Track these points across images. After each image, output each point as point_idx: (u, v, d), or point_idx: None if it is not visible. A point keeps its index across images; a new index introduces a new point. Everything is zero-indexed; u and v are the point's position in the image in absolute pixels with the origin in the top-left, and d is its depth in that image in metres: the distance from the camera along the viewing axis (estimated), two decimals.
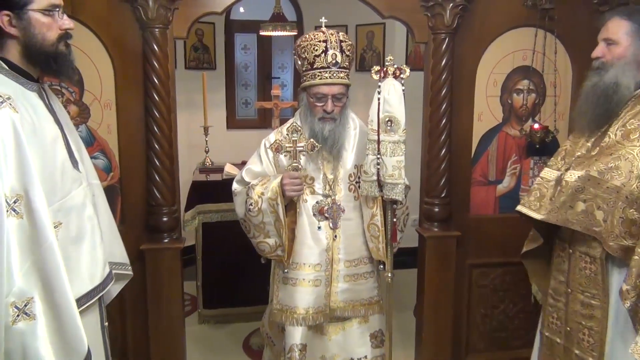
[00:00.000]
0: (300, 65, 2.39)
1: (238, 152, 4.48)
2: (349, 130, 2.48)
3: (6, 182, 1.53)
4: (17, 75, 1.68)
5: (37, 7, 1.66)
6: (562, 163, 2.21)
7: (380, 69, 2.22)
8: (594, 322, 2.06)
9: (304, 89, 2.40)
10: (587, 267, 2.07)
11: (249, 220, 2.41)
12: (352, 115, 2.52)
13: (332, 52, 2.30)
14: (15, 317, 1.53)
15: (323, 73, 2.31)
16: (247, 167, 2.51)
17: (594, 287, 2.05)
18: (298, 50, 2.38)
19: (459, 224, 3.04)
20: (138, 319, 2.85)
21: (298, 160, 2.35)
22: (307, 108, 2.41)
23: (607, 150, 2.00)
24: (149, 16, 2.58)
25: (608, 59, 2.07)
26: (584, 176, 2.00)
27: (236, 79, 5.73)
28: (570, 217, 2.03)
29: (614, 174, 1.93)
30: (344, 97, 2.38)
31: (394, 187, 2.25)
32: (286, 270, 2.46)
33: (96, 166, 2.67)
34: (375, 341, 2.58)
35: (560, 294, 2.20)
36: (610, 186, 1.92)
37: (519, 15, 2.90)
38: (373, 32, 5.24)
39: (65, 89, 2.62)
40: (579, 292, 2.11)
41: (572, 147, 2.21)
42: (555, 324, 2.23)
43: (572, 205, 2.02)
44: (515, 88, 3.02)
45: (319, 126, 2.36)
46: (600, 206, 1.95)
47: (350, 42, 2.39)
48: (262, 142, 2.53)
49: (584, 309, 2.09)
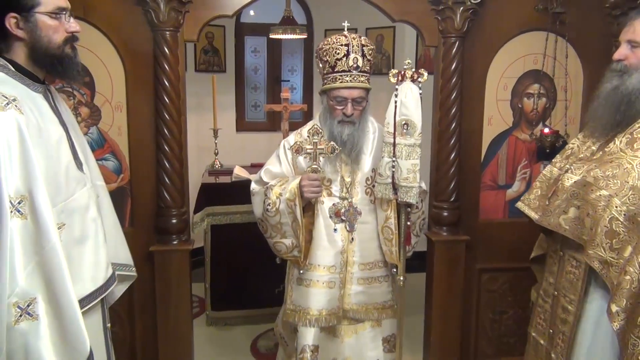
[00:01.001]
0: (322, 68, 2.41)
1: (247, 155, 4.50)
2: (367, 134, 2.48)
3: (11, 183, 1.54)
4: (22, 76, 1.70)
5: (44, 10, 1.67)
6: (565, 162, 2.15)
7: (398, 72, 2.22)
8: (566, 327, 2.04)
9: (325, 91, 2.41)
10: (571, 272, 2.03)
11: (267, 220, 2.41)
12: (371, 119, 2.53)
13: (353, 55, 2.31)
14: (17, 317, 1.54)
15: (344, 76, 2.33)
16: (266, 167, 2.53)
17: (572, 292, 2.02)
18: (320, 53, 2.40)
19: (468, 228, 3.03)
20: (147, 320, 2.86)
21: (317, 162, 2.35)
22: (327, 111, 2.42)
23: (608, 157, 1.92)
24: (160, 19, 2.60)
25: (632, 62, 1.91)
26: (580, 181, 1.94)
27: (246, 82, 5.75)
28: (562, 222, 1.99)
29: (609, 182, 1.84)
30: (364, 101, 2.39)
31: (408, 190, 2.25)
32: (302, 271, 2.46)
33: (106, 168, 2.70)
34: (388, 346, 2.58)
35: (548, 295, 2.17)
36: (603, 194, 1.84)
37: (529, 19, 2.88)
38: (383, 35, 5.24)
39: (76, 90, 2.64)
40: (562, 296, 2.08)
41: (578, 148, 2.15)
42: (541, 324, 2.21)
43: (566, 210, 1.98)
44: (525, 92, 3.00)
45: (338, 129, 2.37)
46: (589, 213, 1.88)
47: (372, 47, 2.40)
48: (282, 143, 2.55)
49: (563, 312, 2.06)
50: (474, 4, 2.77)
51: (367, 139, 2.48)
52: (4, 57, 1.68)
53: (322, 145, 2.34)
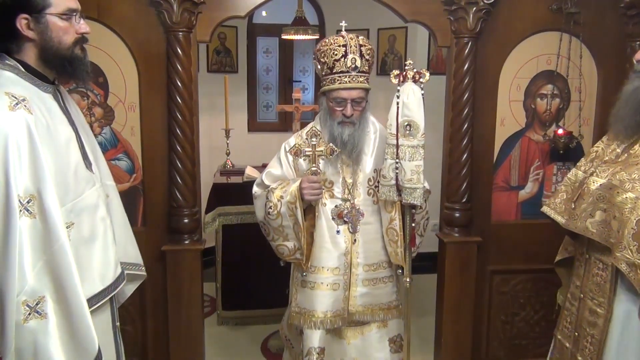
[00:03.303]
0: (320, 69, 2.40)
1: (259, 155, 4.50)
2: (368, 134, 2.47)
3: (20, 182, 1.55)
4: (32, 77, 1.70)
5: (55, 11, 1.68)
6: (590, 165, 2.14)
7: (399, 73, 2.21)
8: (595, 330, 2.02)
9: (324, 93, 2.40)
10: (598, 274, 2.02)
11: (268, 223, 2.42)
12: (372, 119, 2.52)
13: (351, 56, 2.30)
14: (26, 315, 1.55)
15: (342, 77, 2.32)
16: (267, 170, 2.52)
17: (601, 294, 2.00)
18: (318, 54, 2.39)
19: (480, 229, 3.01)
20: (158, 319, 2.88)
21: (317, 165, 2.35)
22: (327, 112, 2.42)
23: (633, 160, 1.93)
24: (173, 20, 2.61)
25: None
26: (606, 184, 1.94)
27: (258, 82, 5.77)
28: (589, 226, 1.98)
29: (635, 184, 1.84)
30: (364, 102, 2.38)
31: (412, 191, 2.24)
32: (305, 273, 2.46)
33: (119, 167, 2.73)
34: (394, 346, 2.57)
35: (575, 298, 2.16)
36: (629, 197, 1.84)
37: (543, 19, 2.86)
38: (395, 35, 5.22)
39: (90, 91, 2.67)
40: (589, 298, 2.06)
41: (603, 151, 2.14)
42: (567, 327, 2.20)
43: (592, 213, 1.97)
44: (539, 93, 2.97)
45: (338, 130, 2.37)
46: (615, 216, 1.87)
47: (370, 47, 2.39)
48: (282, 145, 2.54)
49: (590, 315, 2.05)
50: (487, 4, 2.75)
51: (368, 139, 2.47)
52: (15, 57, 1.69)
53: (321, 147, 2.33)
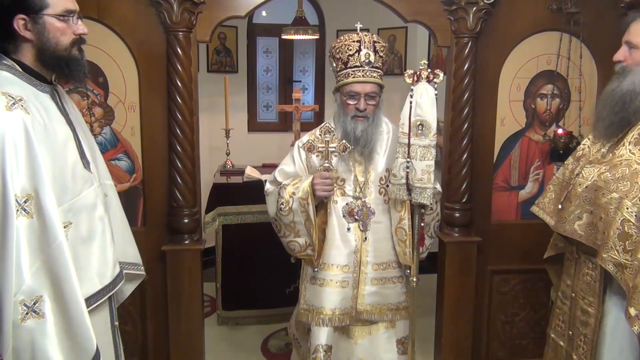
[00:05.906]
0: (335, 66, 2.42)
1: (259, 155, 4.51)
2: (381, 133, 2.49)
3: (17, 181, 1.55)
4: (29, 77, 1.70)
5: (52, 12, 1.68)
6: (577, 165, 2.14)
7: (413, 72, 2.23)
8: (588, 330, 2.03)
9: (338, 89, 2.42)
10: (588, 273, 2.03)
11: (280, 219, 2.43)
12: (385, 119, 2.53)
13: (365, 51, 2.32)
14: (24, 314, 1.55)
15: (356, 72, 2.34)
16: (280, 167, 2.54)
17: (591, 294, 2.01)
18: (332, 51, 2.42)
19: (480, 229, 3.01)
20: (158, 319, 2.88)
21: (329, 161, 2.36)
22: (341, 108, 2.43)
23: (617, 160, 1.92)
24: (173, 20, 2.61)
25: (629, 64, 1.95)
26: (591, 186, 1.94)
27: (258, 82, 5.77)
28: (577, 228, 1.99)
29: (619, 184, 1.84)
30: (377, 97, 2.39)
31: (422, 191, 2.24)
32: (315, 269, 2.47)
33: (119, 167, 2.73)
34: (402, 347, 2.57)
35: (567, 297, 2.16)
36: (613, 197, 1.83)
37: (543, 19, 2.86)
38: (395, 35, 5.22)
39: (90, 91, 2.67)
40: (580, 298, 2.07)
41: (589, 149, 2.14)
42: (560, 326, 2.21)
43: (580, 216, 1.98)
44: (539, 93, 2.97)
45: (351, 125, 2.38)
46: (602, 217, 1.87)
47: (384, 44, 2.41)
48: (296, 143, 2.57)
49: (582, 315, 2.05)
50: (487, 4, 2.75)
51: (381, 138, 2.48)
52: (12, 57, 1.69)
53: (334, 143, 2.34)
